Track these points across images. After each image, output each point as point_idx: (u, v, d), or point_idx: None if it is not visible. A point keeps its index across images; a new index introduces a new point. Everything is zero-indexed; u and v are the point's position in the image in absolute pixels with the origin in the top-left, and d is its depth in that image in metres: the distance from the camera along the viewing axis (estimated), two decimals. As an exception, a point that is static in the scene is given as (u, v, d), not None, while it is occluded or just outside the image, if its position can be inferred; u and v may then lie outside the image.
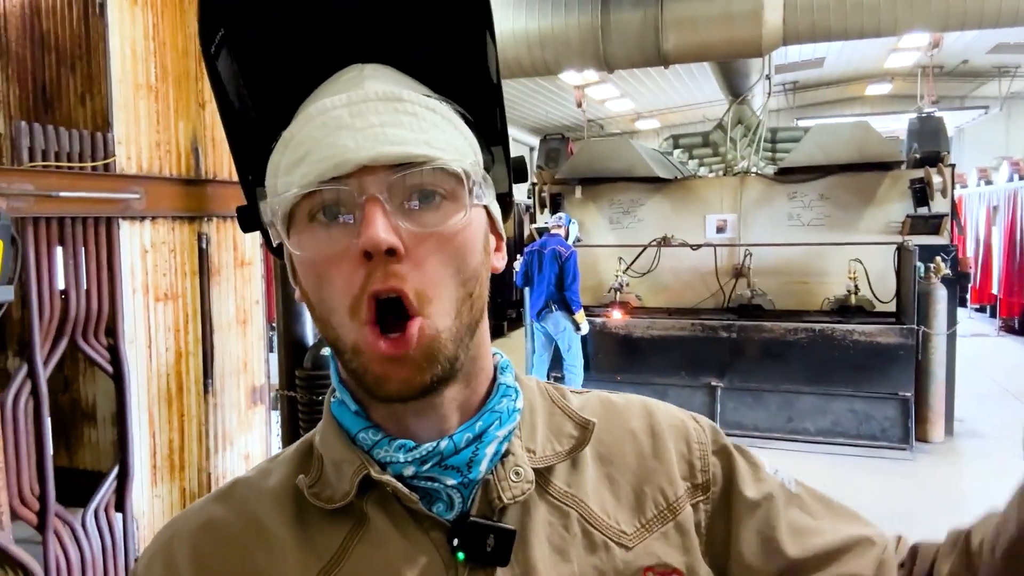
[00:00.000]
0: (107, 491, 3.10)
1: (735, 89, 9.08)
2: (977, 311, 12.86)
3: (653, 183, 7.50)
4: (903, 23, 6.30)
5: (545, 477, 0.63)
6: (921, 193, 6.38)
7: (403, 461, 0.59)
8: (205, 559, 0.61)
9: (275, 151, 0.58)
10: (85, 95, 3.23)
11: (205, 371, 3.51)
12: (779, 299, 6.99)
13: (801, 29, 6.51)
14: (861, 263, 6.48)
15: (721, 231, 7.41)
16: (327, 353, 3.22)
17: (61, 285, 2.91)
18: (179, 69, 3.39)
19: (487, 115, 0.64)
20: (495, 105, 0.64)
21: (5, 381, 2.77)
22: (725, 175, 8.51)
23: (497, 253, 0.65)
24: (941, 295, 5.81)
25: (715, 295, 7.33)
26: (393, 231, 0.53)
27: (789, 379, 6.03)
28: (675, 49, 6.76)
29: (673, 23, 6.62)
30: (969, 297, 12.76)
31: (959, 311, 6.58)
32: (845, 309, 6.48)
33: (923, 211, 6.47)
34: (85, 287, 2.97)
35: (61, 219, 2.86)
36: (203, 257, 3.48)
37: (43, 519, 2.83)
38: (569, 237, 6.52)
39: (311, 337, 3.52)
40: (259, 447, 3.86)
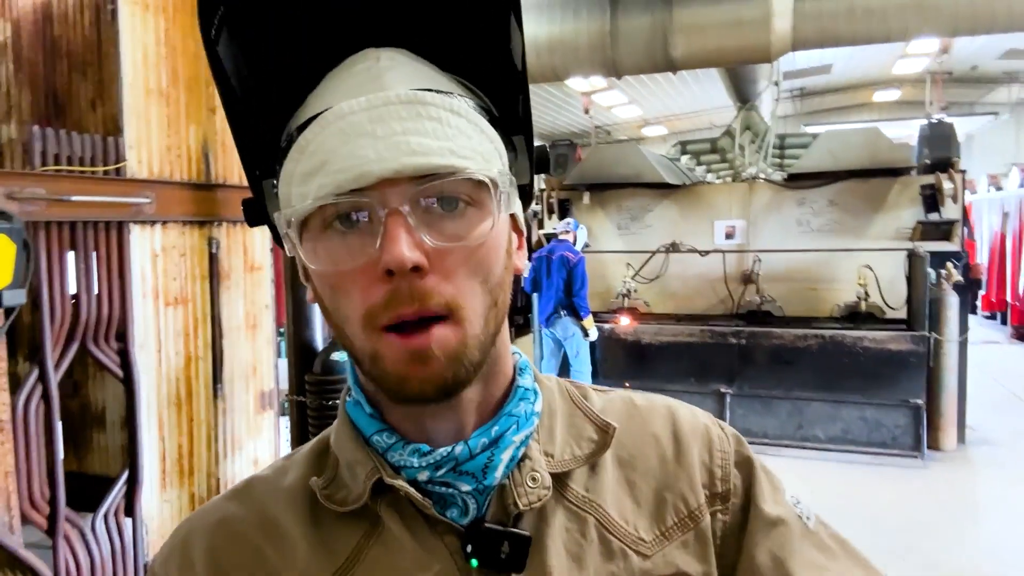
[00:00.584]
0: (117, 496, 3.10)
1: (743, 95, 9.07)
2: (988, 318, 12.78)
3: (661, 189, 7.49)
4: (913, 28, 6.28)
5: (563, 482, 0.62)
6: (932, 199, 6.35)
7: (417, 466, 0.58)
8: (220, 557, 0.61)
9: (289, 158, 0.54)
10: (96, 100, 3.24)
11: (215, 376, 3.51)
12: (788, 305, 6.96)
13: (810, 35, 6.50)
14: (871, 269, 6.45)
15: (730, 237, 7.39)
16: (337, 358, 3.22)
17: (72, 289, 2.92)
18: (190, 74, 3.40)
19: (510, 103, 0.61)
20: (519, 93, 0.61)
21: (16, 385, 2.77)
22: (733, 181, 8.50)
23: (519, 252, 0.63)
24: (953, 302, 5.77)
25: (724, 301, 7.30)
26: (417, 247, 0.51)
27: (799, 386, 6.00)
28: (684, 55, 6.76)
29: (682, 29, 6.62)
30: (980, 304, 12.69)
31: (970, 318, 6.53)
32: (855, 316, 6.44)
33: (934, 217, 6.43)
34: (96, 291, 2.97)
35: (73, 223, 2.87)
36: (213, 261, 3.48)
37: (53, 523, 2.82)
38: (577, 243, 6.51)
39: (321, 342, 3.51)
40: (268, 452, 3.86)
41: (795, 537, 0.65)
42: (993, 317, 12.63)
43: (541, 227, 7.62)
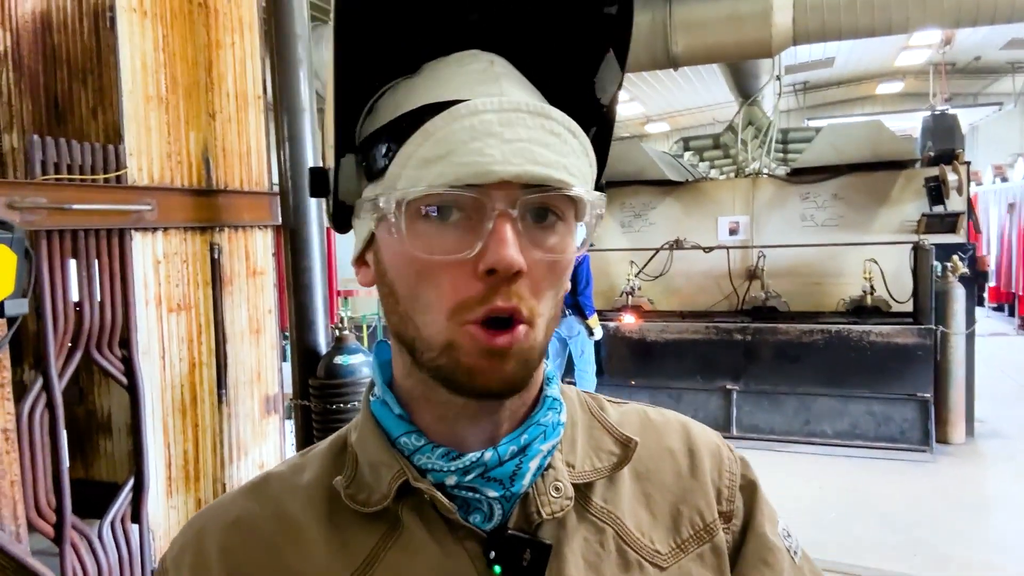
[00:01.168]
0: (123, 502, 3.10)
1: (745, 90, 9.05)
2: (995, 310, 12.72)
3: (664, 186, 7.47)
4: (914, 20, 6.25)
5: (583, 492, 0.63)
6: (936, 191, 6.32)
7: (446, 470, 0.58)
8: (235, 555, 0.61)
9: (411, 141, 0.54)
10: (97, 108, 3.24)
11: (219, 381, 3.51)
12: (794, 301, 6.94)
13: (811, 28, 6.48)
14: (876, 263, 6.42)
15: (734, 233, 7.37)
16: (340, 362, 3.21)
17: (75, 297, 2.92)
18: (189, 80, 3.40)
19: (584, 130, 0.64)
20: (594, 125, 0.64)
21: (22, 394, 2.77)
22: (736, 177, 8.47)
23: None
24: (959, 294, 5.74)
25: (729, 298, 7.29)
26: (522, 252, 0.53)
27: (806, 381, 5.98)
28: (684, 51, 6.75)
29: (682, 25, 6.61)
30: (987, 296, 12.62)
31: (977, 310, 6.50)
32: (861, 310, 6.42)
33: (939, 209, 6.41)
34: (99, 299, 2.98)
35: (74, 231, 2.87)
36: (215, 267, 3.48)
37: (60, 531, 2.83)
38: (581, 242, 6.49)
39: (324, 346, 3.51)
40: (274, 457, 3.86)
41: (785, 570, 0.67)
42: (1001, 309, 12.57)
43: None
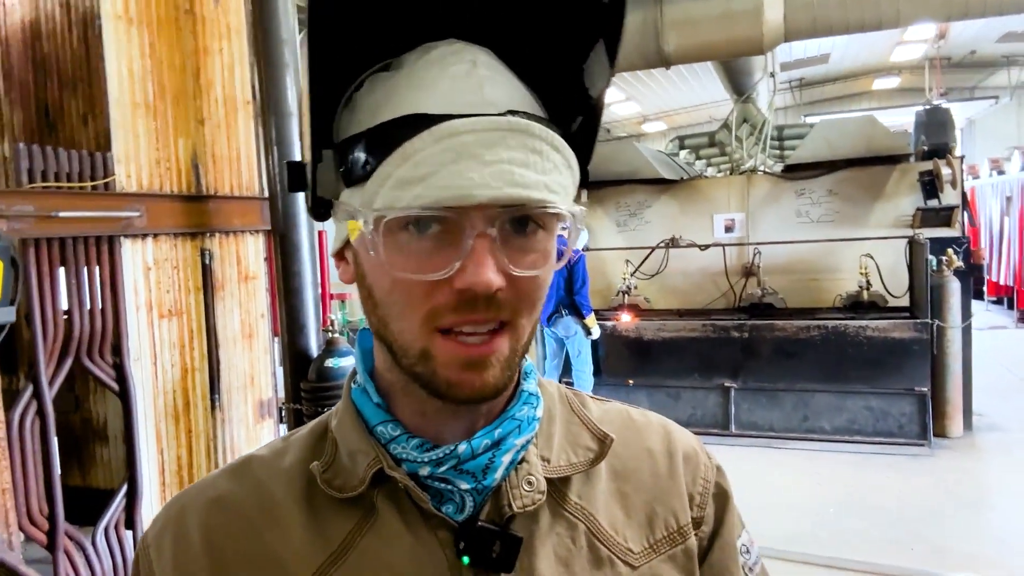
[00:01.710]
0: (117, 509, 3.11)
1: (739, 88, 9.05)
2: (994, 303, 12.70)
3: (659, 184, 7.47)
4: (906, 15, 6.25)
5: (557, 487, 0.64)
6: (930, 185, 6.31)
7: (420, 461, 0.59)
8: (216, 534, 0.61)
9: (389, 161, 0.53)
10: (87, 116, 3.25)
11: (212, 386, 3.52)
12: (790, 297, 6.93)
13: (802, 25, 6.47)
14: (872, 258, 6.42)
15: (729, 231, 7.37)
16: (332, 365, 3.20)
17: (65, 305, 2.93)
18: (176, 87, 3.41)
19: (569, 120, 0.63)
20: (580, 115, 0.63)
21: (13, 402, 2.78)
22: (732, 174, 8.47)
23: None
24: (954, 288, 5.73)
25: (725, 295, 7.28)
26: (500, 271, 0.53)
27: (803, 378, 5.97)
28: (677, 50, 6.74)
29: (673, 24, 6.61)
30: (986, 289, 12.61)
31: (976, 304, 6.49)
32: (858, 305, 6.41)
33: (933, 203, 6.40)
34: (88, 306, 2.98)
35: (63, 239, 2.88)
36: (207, 273, 3.49)
37: (52, 538, 2.83)
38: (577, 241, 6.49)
39: (315, 349, 3.52)
40: (269, 461, 3.86)
41: None
42: (1000, 302, 12.54)
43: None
